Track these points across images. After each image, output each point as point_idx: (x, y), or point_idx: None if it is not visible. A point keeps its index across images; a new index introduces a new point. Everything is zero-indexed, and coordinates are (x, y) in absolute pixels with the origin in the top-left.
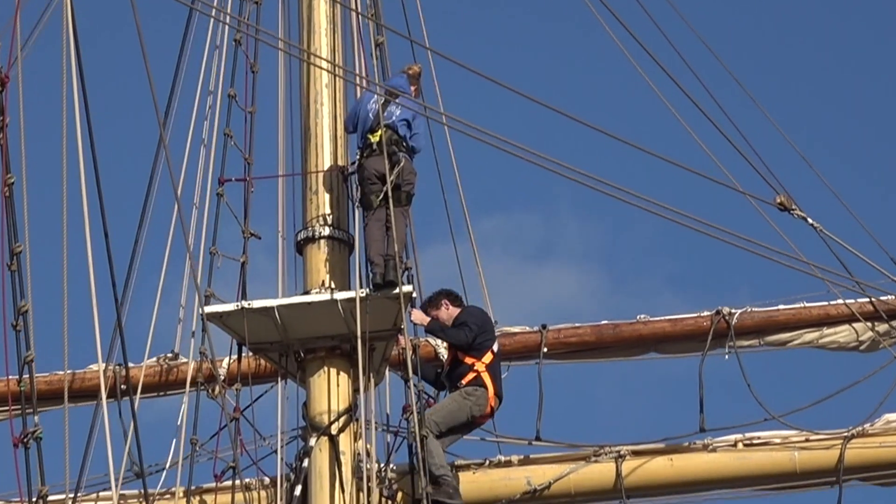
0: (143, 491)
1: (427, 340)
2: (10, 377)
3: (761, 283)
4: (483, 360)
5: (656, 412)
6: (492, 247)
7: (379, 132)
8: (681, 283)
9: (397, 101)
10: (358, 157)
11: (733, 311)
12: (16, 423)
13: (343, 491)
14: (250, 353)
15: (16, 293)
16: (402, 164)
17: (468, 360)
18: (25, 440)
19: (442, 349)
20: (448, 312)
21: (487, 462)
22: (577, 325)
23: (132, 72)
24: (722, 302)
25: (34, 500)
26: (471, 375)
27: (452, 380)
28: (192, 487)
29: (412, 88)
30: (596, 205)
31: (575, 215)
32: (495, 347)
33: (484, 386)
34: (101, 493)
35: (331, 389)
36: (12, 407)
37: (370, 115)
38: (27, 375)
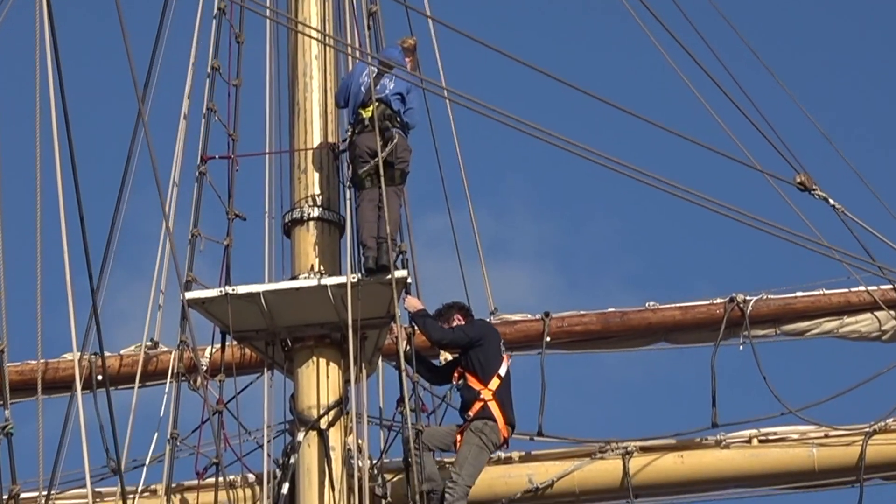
0: (120, 488)
1: None
2: None
3: (769, 272)
4: (490, 386)
5: (666, 406)
6: (439, 244)
7: (371, 107)
8: (639, 282)
9: (391, 73)
10: (349, 133)
11: (748, 297)
12: None
13: (333, 489)
14: (234, 342)
15: None
16: (395, 141)
17: (475, 385)
18: None
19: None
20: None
21: None
22: (581, 312)
23: (110, 43)
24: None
25: (5, 498)
26: (477, 406)
27: (460, 408)
28: (173, 485)
29: (407, 61)
30: (550, 202)
31: (528, 212)
32: (502, 371)
33: (493, 418)
34: (77, 491)
35: (320, 381)
36: None
37: (362, 88)
38: None
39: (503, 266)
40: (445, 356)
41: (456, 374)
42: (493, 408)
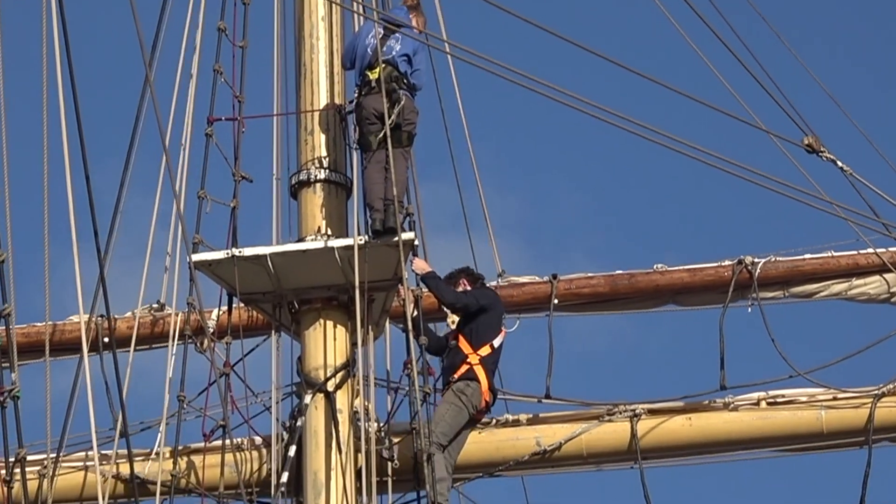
0: (127, 450)
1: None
2: None
3: (776, 234)
4: (479, 352)
5: (674, 368)
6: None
7: (378, 69)
8: (609, 256)
9: (397, 34)
10: (356, 95)
11: (756, 260)
12: None
13: (340, 451)
14: (241, 304)
15: None
16: (402, 103)
17: (464, 349)
18: (2, 399)
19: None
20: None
21: (494, 421)
22: (589, 274)
23: (116, 3)
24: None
25: (12, 461)
26: (463, 368)
27: (445, 370)
28: (180, 447)
29: (412, 17)
30: (513, 177)
31: (491, 187)
32: (496, 342)
33: (476, 380)
34: (84, 454)
35: (327, 343)
36: None
37: (368, 50)
38: (3, 328)
39: (467, 240)
40: (453, 319)
41: (451, 337)
42: (478, 371)
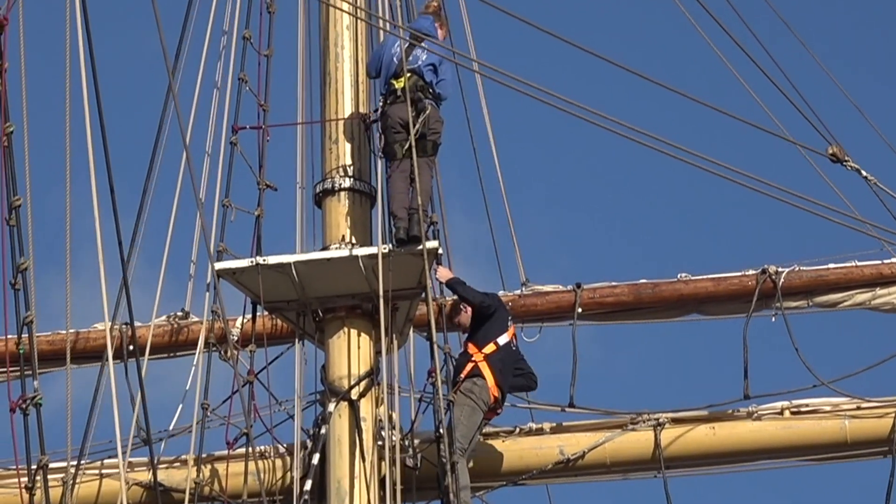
0: (150, 458)
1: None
2: (9, 336)
3: (800, 244)
4: (484, 350)
5: (698, 377)
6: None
7: (403, 78)
8: (630, 270)
9: (423, 44)
10: (381, 104)
11: (780, 269)
12: (14, 385)
13: (364, 460)
14: (265, 313)
15: (15, 250)
16: (427, 112)
17: (470, 349)
18: (24, 406)
19: None
20: (467, 315)
21: (518, 430)
22: (613, 283)
23: (140, 11)
24: None
25: (34, 469)
26: (469, 367)
27: (454, 373)
28: (203, 455)
29: (438, 29)
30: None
31: (462, 210)
32: (501, 340)
33: (481, 376)
34: (106, 461)
35: (351, 351)
36: (10, 369)
37: (394, 59)
38: (25, 336)
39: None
40: None
41: (463, 345)
42: (483, 368)
